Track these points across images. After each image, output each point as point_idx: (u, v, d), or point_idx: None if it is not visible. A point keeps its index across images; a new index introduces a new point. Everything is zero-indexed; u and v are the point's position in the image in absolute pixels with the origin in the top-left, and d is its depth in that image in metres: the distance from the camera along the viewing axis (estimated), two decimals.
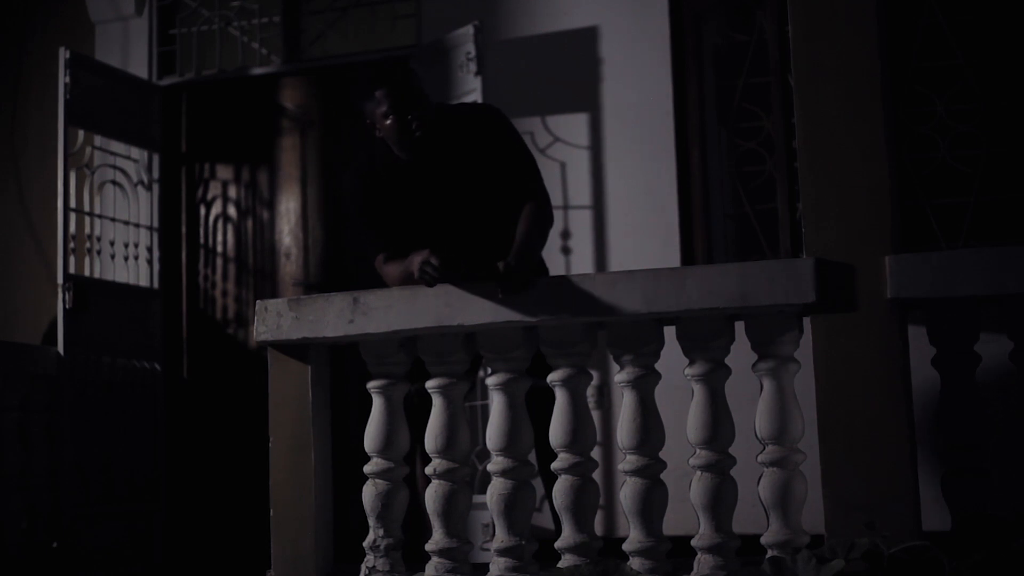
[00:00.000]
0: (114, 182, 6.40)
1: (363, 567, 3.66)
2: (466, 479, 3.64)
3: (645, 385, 3.45)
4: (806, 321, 3.39)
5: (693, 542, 3.37)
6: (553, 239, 5.86)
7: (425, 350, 3.66)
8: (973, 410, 3.38)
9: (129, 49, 6.67)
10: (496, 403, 3.58)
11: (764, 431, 3.36)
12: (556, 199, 5.95)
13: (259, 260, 6.57)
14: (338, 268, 6.37)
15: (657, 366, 3.49)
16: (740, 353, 3.47)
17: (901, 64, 5.36)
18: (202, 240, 6.68)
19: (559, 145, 5.97)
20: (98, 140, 6.31)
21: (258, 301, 3.80)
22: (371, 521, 3.67)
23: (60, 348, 5.83)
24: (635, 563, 3.37)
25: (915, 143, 5.38)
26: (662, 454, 3.45)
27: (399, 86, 3.96)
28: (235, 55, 6.58)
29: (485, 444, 3.63)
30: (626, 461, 3.43)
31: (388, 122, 3.95)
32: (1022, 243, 4.36)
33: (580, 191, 5.92)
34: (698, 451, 3.38)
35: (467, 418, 3.75)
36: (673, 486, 3.47)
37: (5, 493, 5.39)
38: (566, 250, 5.89)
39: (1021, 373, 3.34)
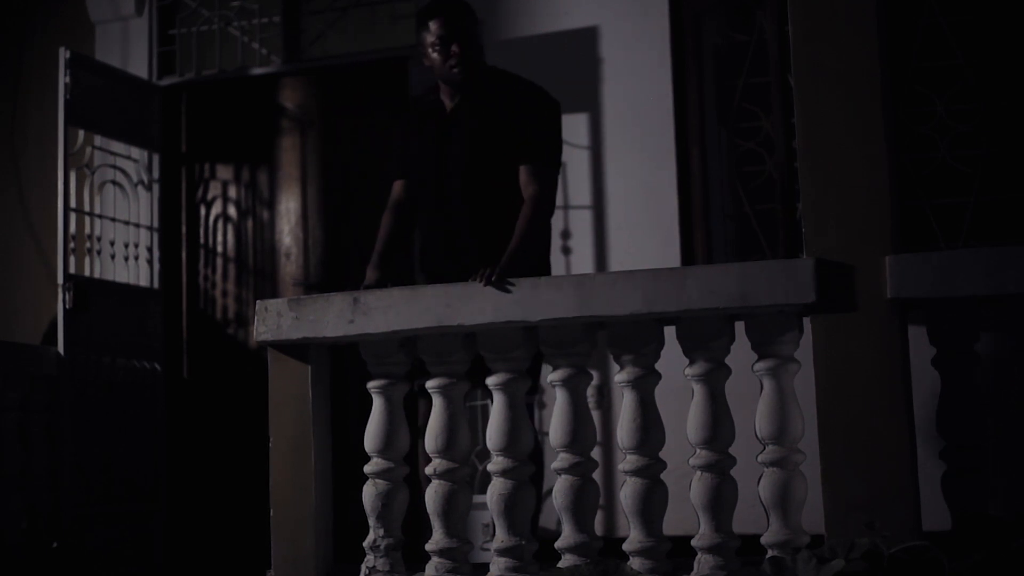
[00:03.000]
0: (114, 182, 6.40)
1: (363, 567, 3.66)
2: (466, 479, 3.64)
3: (645, 385, 3.45)
4: (806, 321, 3.39)
5: (693, 542, 3.37)
6: (553, 239, 5.86)
7: (425, 350, 3.66)
8: (973, 410, 3.38)
9: (129, 49, 6.67)
10: (496, 403, 3.57)
11: (764, 431, 3.36)
12: (556, 199, 5.95)
13: (259, 260, 6.57)
14: (338, 268, 6.37)
15: (657, 366, 3.49)
16: (740, 353, 3.47)
17: (901, 64, 5.36)
18: (202, 240, 6.68)
19: None
20: (98, 140, 6.31)
21: (258, 301, 3.80)
22: (371, 521, 3.67)
23: (60, 348, 5.83)
24: (635, 563, 3.37)
25: (915, 143, 5.38)
26: (662, 454, 3.45)
27: (451, 20, 4.17)
28: (235, 55, 6.58)
29: (485, 444, 3.63)
30: (626, 461, 3.43)
31: (433, 53, 4.18)
32: (1022, 243, 4.35)
33: (580, 191, 5.91)
34: (698, 451, 3.38)
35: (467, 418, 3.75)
36: (673, 486, 3.47)
37: (5, 493, 5.39)
38: (566, 250, 5.89)
39: (1021, 373, 3.34)
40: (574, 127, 5.95)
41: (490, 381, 3.58)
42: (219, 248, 6.65)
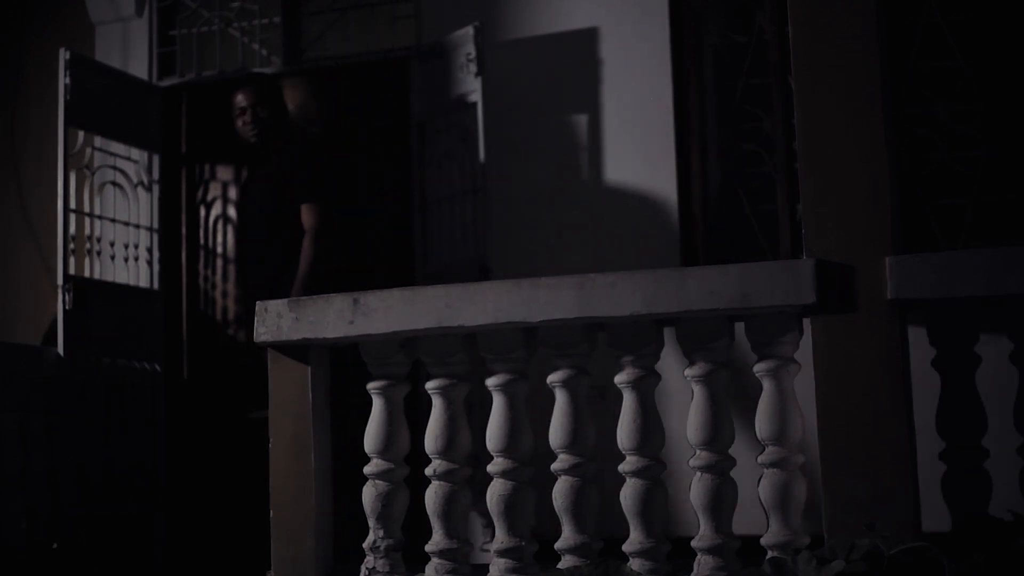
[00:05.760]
0: (114, 183, 6.39)
1: (363, 568, 3.66)
2: (466, 480, 3.63)
3: (645, 386, 3.45)
4: (806, 321, 3.38)
5: (693, 543, 3.36)
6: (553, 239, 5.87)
7: (425, 351, 3.66)
8: (973, 410, 3.38)
9: (129, 50, 6.67)
10: (496, 404, 3.57)
11: (764, 432, 3.36)
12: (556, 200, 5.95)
13: None
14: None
15: (657, 367, 3.49)
16: (741, 353, 3.47)
17: (901, 64, 5.36)
18: (202, 241, 6.68)
19: (559, 146, 5.97)
20: (98, 141, 6.31)
21: (258, 302, 3.80)
22: (371, 522, 3.67)
23: (60, 349, 5.83)
24: (635, 564, 3.37)
25: (915, 144, 5.38)
26: (662, 455, 3.45)
27: (248, 94, 5.60)
28: (235, 56, 6.58)
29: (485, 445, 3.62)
30: (626, 462, 3.43)
31: (238, 120, 5.62)
32: (1022, 243, 4.36)
33: (580, 191, 5.92)
34: (698, 452, 3.38)
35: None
36: (673, 487, 3.47)
37: (5, 494, 5.38)
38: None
39: (1021, 373, 3.34)
40: (574, 128, 5.95)
41: (490, 382, 3.58)
42: (219, 249, 6.65)
